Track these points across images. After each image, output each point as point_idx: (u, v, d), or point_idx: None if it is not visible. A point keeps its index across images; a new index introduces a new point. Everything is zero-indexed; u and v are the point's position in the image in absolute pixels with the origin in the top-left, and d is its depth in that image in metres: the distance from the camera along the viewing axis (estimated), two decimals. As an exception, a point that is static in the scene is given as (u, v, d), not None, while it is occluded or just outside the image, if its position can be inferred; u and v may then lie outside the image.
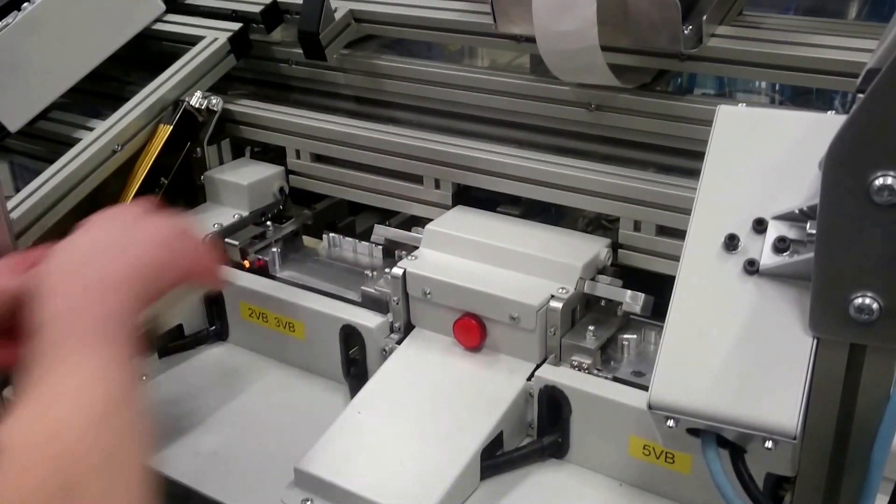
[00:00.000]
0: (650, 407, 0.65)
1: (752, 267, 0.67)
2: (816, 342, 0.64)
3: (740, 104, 0.75)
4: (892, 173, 0.57)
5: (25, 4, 1.32)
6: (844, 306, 0.61)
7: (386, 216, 1.43)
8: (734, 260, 0.67)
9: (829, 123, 0.69)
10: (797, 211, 0.66)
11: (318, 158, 1.40)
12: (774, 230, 0.68)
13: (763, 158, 0.70)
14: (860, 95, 0.59)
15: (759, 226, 0.68)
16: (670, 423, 0.64)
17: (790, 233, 0.67)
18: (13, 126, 1.34)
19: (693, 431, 0.65)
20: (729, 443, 0.65)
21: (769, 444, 0.62)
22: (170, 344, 1.30)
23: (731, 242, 0.68)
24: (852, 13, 1.60)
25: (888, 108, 0.56)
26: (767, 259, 0.67)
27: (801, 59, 1.10)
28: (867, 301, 0.60)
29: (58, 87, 1.38)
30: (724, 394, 0.63)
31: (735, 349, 0.64)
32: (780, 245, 0.66)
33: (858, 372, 0.63)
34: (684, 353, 0.65)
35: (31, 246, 1.28)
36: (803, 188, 0.68)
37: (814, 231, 0.61)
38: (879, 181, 0.57)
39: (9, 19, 1.31)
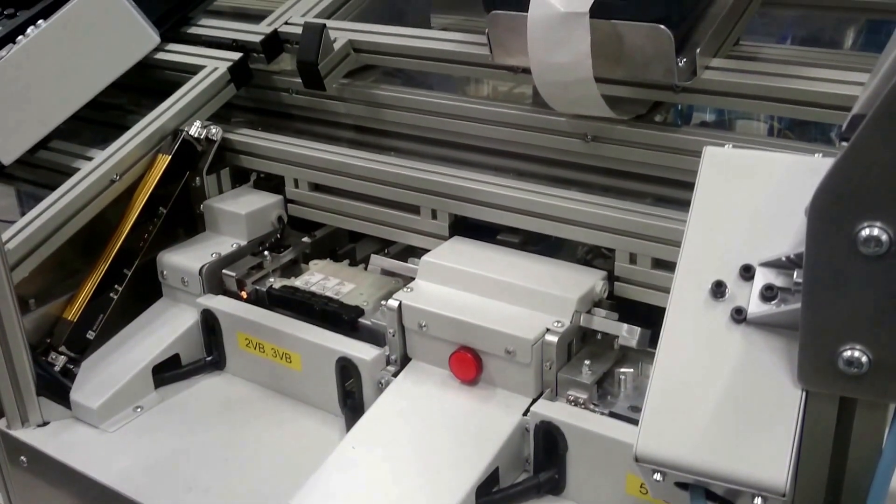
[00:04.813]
0: (637, 459, 0.64)
1: (739, 315, 0.66)
2: (805, 395, 0.63)
3: (728, 144, 0.75)
4: (878, 224, 0.57)
5: (20, 38, 1.33)
6: (833, 359, 0.60)
7: (386, 244, 1.43)
8: (721, 308, 0.67)
9: (815, 166, 0.69)
10: (784, 259, 0.66)
11: (316, 188, 1.40)
12: (762, 277, 0.67)
13: (750, 202, 0.70)
14: (844, 143, 0.59)
15: (747, 272, 0.68)
16: (657, 476, 0.64)
17: (778, 280, 0.67)
18: (7, 159, 1.34)
19: (681, 485, 0.65)
20: (718, 497, 0.65)
21: (758, 500, 0.62)
22: (166, 373, 1.30)
23: (719, 290, 0.67)
24: (848, 42, 1.59)
25: (873, 157, 0.56)
26: (755, 307, 0.66)
27: (796, 92, 1.09)
28: (856, 354, 0.59)
29: (52, 121, 1.39)
30: (712, 447, 0.63)
31: (723, 401, 0.64)
32: (768, 293, 0.66)
33: (849, 426, 0.62)
34: (671, 405, 0.65)
35: (29, 275, 1.29)
36: (791, 233, 0.68)
37: (801, 280, 0.61)
38: (865, 232, 0.57)
39: (3, 52, 1.31)
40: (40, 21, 1.32)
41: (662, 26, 1.10)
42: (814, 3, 1.52)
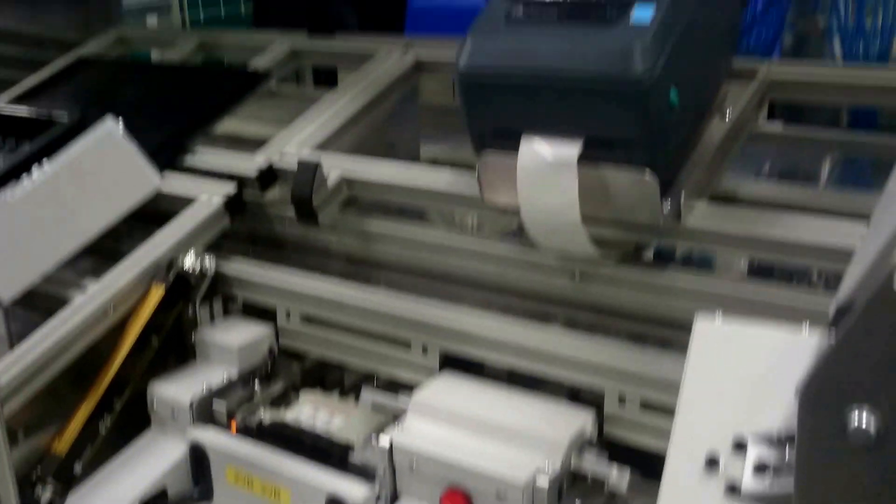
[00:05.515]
0: None
1: (733, 491, 0.68)
2: (799, 571, 0.64)
3: (717, 312, 0.78)
4: (865, 416, 0.59)
5: (24, 177, 1.35)
6: (825, 537, 0.61)
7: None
8: (715, 483, 0.69)
9: (804, 343, 0.71)
10: (775, 436, 0.68)
11: (307, 320, 1.42)
12: (755, 451, 0.69)
13: (741, 375, 0.72)
14: (833, 329, 0.61)
15: (740, 446, 0.70)
16: None
17: (770, 455, 0.68)
18: (6, 295, 1.35)
19: None
20: None
21: None
22: (153, 507, 1.29)
23: (712, 464, 0.69)
24: (825, 174, 1.66)
25: (860, 351, 0.58)
26: (749, 482, 0.68)
27: (777, 239, 1.14)
28: (848, 533, 0.61)
29: (51, 260, 1.40)
30: None
31: (717, 579, 0.65)
32: (761, 469, 0.68)
33: None
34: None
35: (21, 410, 1.29)
36: (782, 406, 0.70)
37: (793, 458, 0.63)
38: (854, 424, 0.59)
39: (7, 190, 1.34)
40: (44, 160, 1.35)
41: (648, 171, 1.14)
42: (792, 137, 1.58)
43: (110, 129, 1.39)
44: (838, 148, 1.60)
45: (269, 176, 1.50)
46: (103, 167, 1.39)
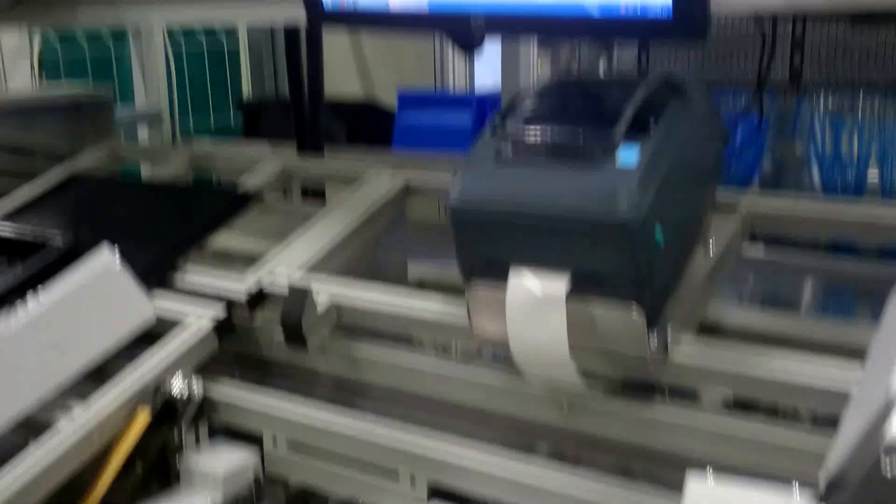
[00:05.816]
0: None
1: None
2: None
3: (709, 471, 0.78)
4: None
5: (17, 306, 1.36)
6: None
7: (360, 497, 1.42)
8: None
9: (794, 509, 0.72)
10: None
11: (294, 446, 1.41)
12: None
13: (734, 539, 0.73)
14: (823, 504, 0.62)
15: None
16: None
17: None
18: (-3, 429, 1.34)
19: None
20: None
21: None
22: None
23: None
24: (806, 298, 1.69)
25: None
26: None
27: (765, 378, 1.15)
28: None
29: (43, 391, 1.39)
30: None
31: None
32: None
33: None
34: None
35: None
36: (774, 572, 0.70)
37: None
38: None
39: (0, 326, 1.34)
40: (37, 285, 1.36)
41: (635, 306, 1.16)
42: (774, 263, 1.61)
43: (107, 260, 1.40)
44: (820, 274, 1.64)
45: (258, 299, 1.51)
46: (99, 299, 1.39)
